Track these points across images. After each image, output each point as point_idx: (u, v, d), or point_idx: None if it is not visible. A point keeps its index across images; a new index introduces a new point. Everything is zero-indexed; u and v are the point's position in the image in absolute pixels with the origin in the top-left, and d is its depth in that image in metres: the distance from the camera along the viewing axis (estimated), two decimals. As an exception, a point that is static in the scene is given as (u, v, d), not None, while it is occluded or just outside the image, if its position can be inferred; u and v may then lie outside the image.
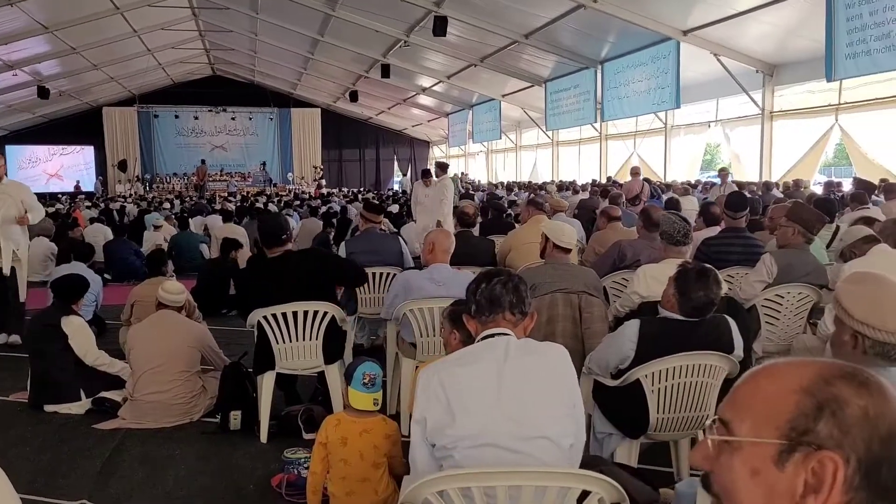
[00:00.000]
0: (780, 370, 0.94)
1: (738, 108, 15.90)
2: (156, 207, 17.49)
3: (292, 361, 4.32)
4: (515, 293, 2.28)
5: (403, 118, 32.71)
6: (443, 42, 17.02)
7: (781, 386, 0.91)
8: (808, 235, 4.48)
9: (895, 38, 9.98)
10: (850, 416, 0.85)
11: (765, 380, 0.95)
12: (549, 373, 2.17)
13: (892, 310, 1.88)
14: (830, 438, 0.85)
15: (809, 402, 0.88)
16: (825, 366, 0.92)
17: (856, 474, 0.85)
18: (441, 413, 2.07)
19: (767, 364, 0.97)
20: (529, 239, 5.58)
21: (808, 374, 0.90)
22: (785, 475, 0.88)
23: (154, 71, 26.27)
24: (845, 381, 0.88)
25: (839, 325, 1.96)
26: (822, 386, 0.88)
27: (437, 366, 2.20)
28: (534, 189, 16.66)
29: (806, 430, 0.87)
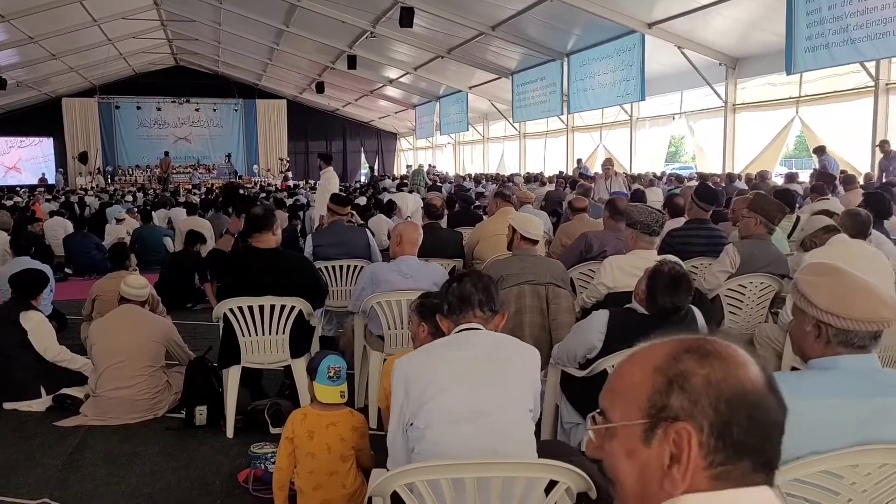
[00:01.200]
0: (640, 354, 1.01)
1: (701, 101, 16.11)
2: (118, 200, 17.18)
3: (258, 355, 4.28)
4: (485, 292, 2.39)
5: (370, 110, 32.53)
6: (409, 33, 16.95)
7: (640, 369, 0.98)
8: (770, 226, 4.55)
9: (853, 31, 10.18)
10: (695, 385, 0.92)
11: (628, 365, 1.02)
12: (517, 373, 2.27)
13: (857, 298, 1.91)
14: (682, 409, 0.92)
15: (661, 379, 0.95)
16: (675, 344, 0.98)
17: (710, 437, 0.91)
18: (418, 394, 2.16)
19: (633, 350, 1.04)
20: (497, 231, 5.60)
21: (661, 354, 0.97)
22: (653, 451, 0.94)
23: (115, 61, 25.71)
24: (689, 355, 0.95)
25: (800, 315, 1.98)
26: (670, 363, 0.95)
27: (411, 356, 2.30)
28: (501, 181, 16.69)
29: (662, 406, 0.94)
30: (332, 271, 5.63)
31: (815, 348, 1.94)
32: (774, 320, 4.50)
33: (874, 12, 9.85)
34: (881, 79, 11.51)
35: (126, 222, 11.99)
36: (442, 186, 17.58)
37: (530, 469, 1.93)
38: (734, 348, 0.97)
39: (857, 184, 8.97)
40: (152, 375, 4.55)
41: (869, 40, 10.02)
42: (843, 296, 1.89)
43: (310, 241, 6.06)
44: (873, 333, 1.91)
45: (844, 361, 1.90)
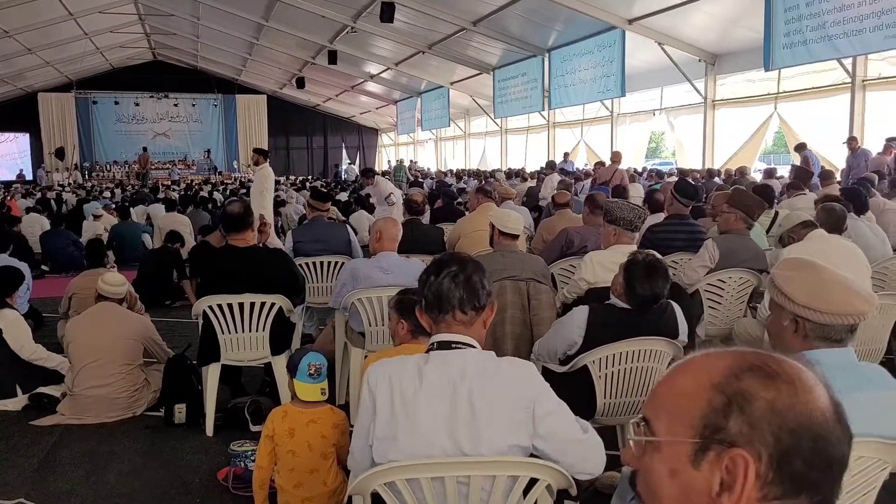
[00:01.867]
0: (695, 365, 0.93)
1: (681, 97, 16.20)
2: (95, 196, 16.97)
3: (238, 353, 4.25)
4: (467, 287, 2.00)
5: (351, 105, 32.40)
6: (390, 28, 16.90)
7: (694, 382, 0.90)
8: (749, 221, 4.59)
9: (830, 28, 10.28)
10: (758, 409, 0.84)
11: (680, 376, 0.94)
12: (507, 399, 1.92)
13: (833, 292, 1.93)
14: (741, 435, 0.84)
15: (719, 398, 0.87)
16: (737, 358, 0.90)
17: (769, 469, 0.84)
18: (384, 425, 1.91)
19: (684, 359, 0.96)
20: (478, 226, 5.60)
21: (720, 369, 0.89)
22: (701, 474, 0.87)
23: (92, 56, 25.42)
24: (753, 375, 0.87)
25: (778, 311, 2.00)
26: (730, 381, 0.87)
27: (388, 369, 1.98)
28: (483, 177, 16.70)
29: (717, 428, 0.86)
30: (312, 268, 5.61)
31: (793, 343, 1.95)
32: (753, 315, 4.54)
33: (850, 9, 9.96)
34: (858, 75, 11.63)
35: (104, 219, 11.86)
36: (423, 182, 17.55)
37: (511, 467, 1.93)
38: (801, 370, 0.89)
39: (835, 179, 9.06)
40: (130, 373, 4.50)
41: (846, 37, 10.13)
42: (820, 290, 1.91)
43: (290, 237, 6.02)
44: (850, 326, 1.93)
45: (822, 356, 1.91)
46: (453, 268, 2.03)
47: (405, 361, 1.99)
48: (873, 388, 1.91)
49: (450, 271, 2.02)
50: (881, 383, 1.96)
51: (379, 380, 1.94)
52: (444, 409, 1.89)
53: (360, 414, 1.99)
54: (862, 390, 1.87)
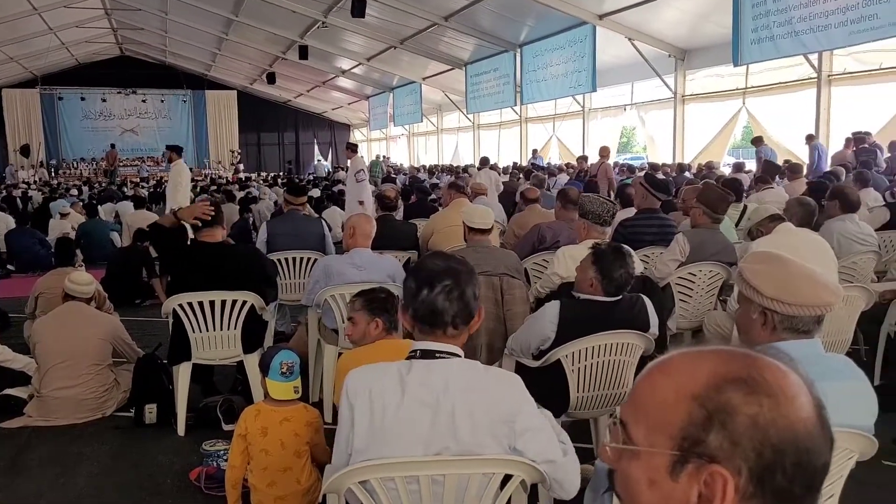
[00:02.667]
0: (676, 368, 0.90)
1: (652, 92, 16.34)
2: (62, 194, 16.68)
3: (210, 351, 4.20)
4: (461, 302, 1.92)
5: (323, 101, 32.21)
6: (362, 24, 16.82)
7: (675, 392, 0.88)
8: (714, 215, 4.64)
9: (796, 24, 10.44)
10: (740, 425, 0.82)
11: (661, 380, 0.91)
12: (489, 414, 1.89)
13: (801, 284, 1.96)
14: (721, 450, 0.82)
15: (700, 412, 0.84)
16: (719, 365, 0.87)
17: (748, 483, 0.82)
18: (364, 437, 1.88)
19: (664, 358, 0.93)
20: (451, 222, 5.60)
21: (701, 378, 0.87)
22: (679, 486, 0.85)
23: (57, 51, 24.95)
24: (736, 387, 0.84)
25: (746, 304, 2.02)
26: (712, 394, 0.85)
27: (368, 379, 1.91)
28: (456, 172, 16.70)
29: (697, 441, 0.84)
30: (285, 264, 5.56)
31: (762, 335, 1.98)
32: (723, 307, 4.59)
33: (816, 5, 10.13)
34: (824, 70, 11.83)
35: (71, 217, 11.66)
36: (396, 178, 17.51)
37: (486, 465, 1.93)
38: (785, 376, 0.86)
39: (802, 173, 9.21)
40: (99, 374, 4.43)
41: (811, 33, 10.30)
42: (788, 283, 1.94)
43: (264, 229, 5.97)
44: (817, 318, 1.96)
45: (789, 347, 1.94)
46: (447, 282, 1.93)
47: (386, 371, 1.92)
48: (839, 378, 1.95)
49: (444, 286, 1.92)
50: (846, 373, 2.00)
51: (358, 391, 1.89)
52: (425, 422, 1.86)
53: (339, 423, 1.94)
54: (828, 380, 1.89)
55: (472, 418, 1.87)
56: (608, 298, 3.14)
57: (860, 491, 3.07)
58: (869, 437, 1.99)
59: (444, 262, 2.00)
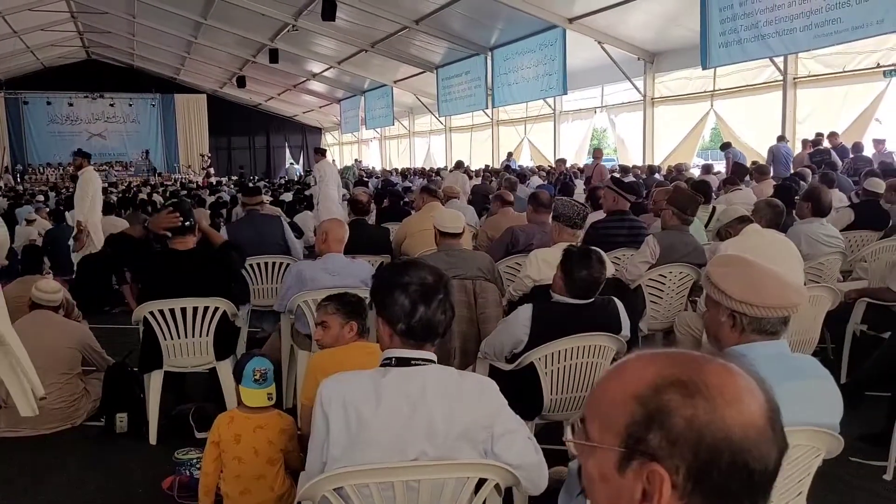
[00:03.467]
0: (626, 370, 0.95)
1: (621, 95, 16.50)
2: (28, 200, 16.39)
3: (181, 359, 4.16)
4: (451, 311, 1.97)
5: (294, 104, 32.05)
6: (332, 27, 16.77)
7: (622, 391, 0.92)
8: (684, 217, 4.71)
9: (763, 28, 10.63)
10: (676, 426, 0.86)
11: (614, 380, 0.95)
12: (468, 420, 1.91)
13: (767, 286, 2.00)
14: (660, 449, 0.86)
15: (641, 411, 0.88)
16: (664, 368, 0.91)
17: (686, 481, 0.86)
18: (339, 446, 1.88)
19: (620, 362, 0.98)
20: (424, 226, 5.59)
21: (645, 380, 0.91)
22: (626, 481, 0.89)
23: (22, 54, 24.53)
24: (676, 390, 0.88)
25: (714, 307, 2.06)
26: (652, 395, 0.89)
27: (342, 388, 1.90)
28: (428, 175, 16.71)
29: (639, 440, 0.88)
30: (254, 269, 5.52)
31: (731, 337, 2.02)
32: (693, 308, 4.66)
33: (782, 9, 10.31)
34: (789, 73, 12.05)
35: (37, 223, 11.46)
36: (369, 181, 17.47)
37: (460, 469, 1.94)
38: (729, 380, 0.89)
39: (769, 174, 9.36)
40: (68, 383, 4.36)
41: (777, 36, 10.49)
42: (755, 285, 1.98)
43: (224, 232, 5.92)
44: (783, 319, 2.00)
45: (758, 348, 1.98)
46: (440, 295, 1.93)
47: (360, 379, 1.92)
48: (804, 377, 1.99)
49: (438, 299, 1.92)
50: (812, 373, 2.04)
51: (332, 400, 1.88)
52: (401, 428, 1.86)
53: (313, 431, 1.94)
54: (794, 380, 1.95)
55: (450, 423, 1.89)
56: (579, 301, 3.17)
57: (828, 488, 3.14)
58: (834, 435, 2.04)
59: (435, 277, 1.98)
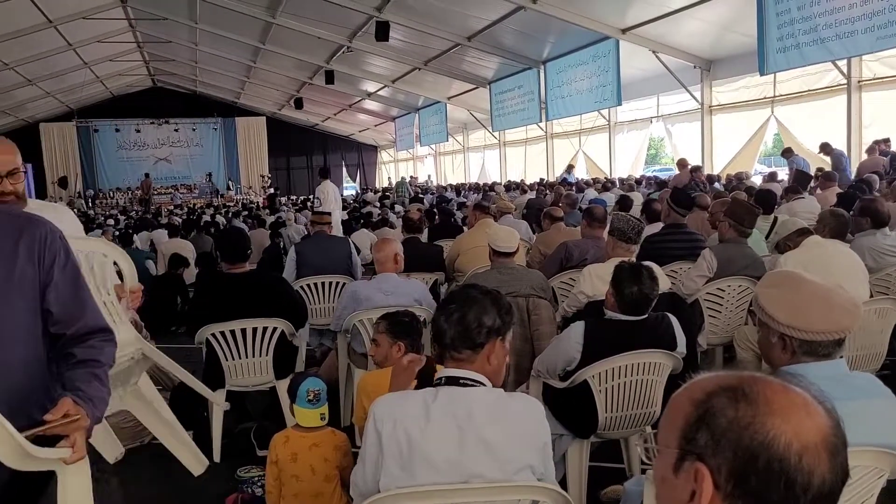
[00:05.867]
0: (695, 382, 1.01)
1: (678, 104, 16.26)
2: (99, 224, 17.06)
3: (242, 378, 4.28)
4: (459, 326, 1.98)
5: (350, 123, 32.55)
6: (386, 46, 17.01)
7: (686, 398, 0.98)
8: (741, 229, 4.61)
9: (822, 31, 10.35)
10: (720, 426, 0.92)
11: (683, 392, 1.02)
12: (519, 442, 1.94)
13: (814, 311, 1.94)
14: (706, 447, 0.92)
15: (694, 413, 0.95)
16: (721, 379, 0.97)
17: (728, 482, 0.90)
18: (394, 465, 1.90)
19: (693, 379, 1.03)
20: (476, 243, 5.63)
21: (703, 388, 0.97)
22: (679, 482, 0.95)
23: (92, 84, 25.61)
24: (724, 394, 0.94)
25: (764, 328, 2.02)
26: (704, 399, 0.95)
27: (393, 408, 1.95)
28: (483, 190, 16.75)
29: (690, 440, 0.94)
30: (313, 289, 5.64)
31: (782, 358, 1.98)
32: (754, 322, 4.54)
33: (842, 12, 10.02)
34: (853, 76, 11.67)
35: (106, 246, 11.84)
36: (423, 198, 17.61)
37: (515, 492, 1.94)
38: (784, 393, 0.93)
39: (835, 181, 9.07)
40: (136, 402, 4.52)
41: (838, 39, 10.19)
42: (801, 309, 1.93)
43: (292, 251, 6.09)
44: (836, 341, 1.95)
45: (812, 369, 1.93)
46: (452, 306, 2.02)
47: (411, 398, 1.98)
48: (864, 396, 1.93)
49: (448, 309, 2.02)
50: (872, 391, 1.98)
51: (385, 419, 1.93)
52: (452, 450, 1.89)
53: (365, 446, 1.98)
54: (853, 399, 1.89)
55: (501, 446, 1.90)
56: (632, 317, 3.14)
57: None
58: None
59: (460, 292, 2.12)
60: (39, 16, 16.34)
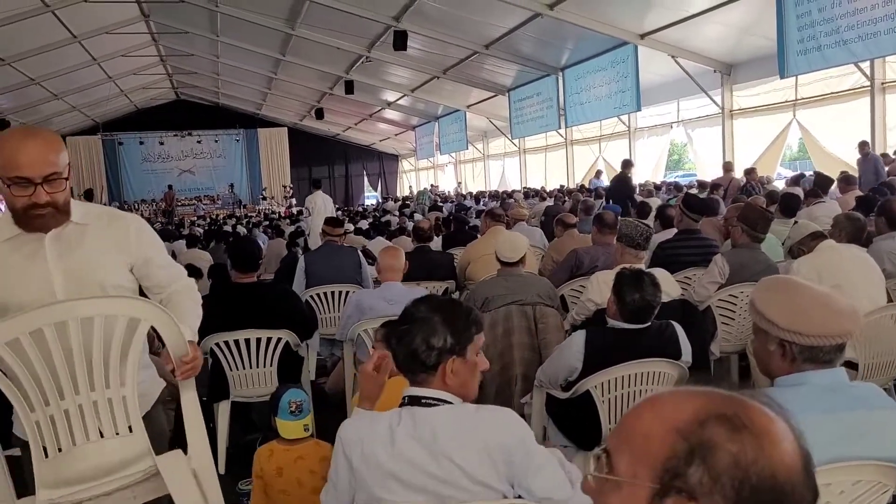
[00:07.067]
0: (664, 403, 0.91)
1: (698, 109, 16.08)
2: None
3: (247, 389, 4.25)
4: (406, 349, 1.89)
5: (371, 133, 32.68)
6: (404, 56, 17.04)
7: (661, 424, 0.87)
8: (754, 234, 4.50)
9: (844, 32, 10.16)
10: (720, 462, 0.82)
11: (648, 412, 0.91)
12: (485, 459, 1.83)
13: (815, 314, 1.86)
14: (700, 485, 0.82)
15: (682, 445, 0.84)
16: (707, 402, 0.87)
17: None
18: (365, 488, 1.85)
19: (655, 394, 0.94)
20: (488, 251, 5.56)
21: (687, 413, 0.86)
22: None
23: (116, 98, 26.01)
24: (721, 424, 0.84)
25: (762, 335, 1.92)
26: (695, 428, 0.85)
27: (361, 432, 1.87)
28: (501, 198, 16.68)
29: (677, 475, 0.83)
30: (322, 298, 5.62)
31: (781, 367, 1.89)
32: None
33: (864, 13, 9.84)
34: (877, 78, 11.46)
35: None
36: (443, 206, 17.58)
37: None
38: (772, 421, 0.86)
39: (856, 185, 8.88)
40: (144, 413, 4.51)
41: (860, 41, 10.00)
42: (804, 311, 1.84)
43: (301, 261, 6.12)
44: (838, 346, 1.86)
45: (812, 377, 1.85)
46: (403, 326, 1.92)
47: (378, 422, 1.88)
48: (864, 407, 1.84)
49: (401, 329, 1.93)
50: (874, 402, 1.88)
51: (352, 443, 1.87)
52: (422, 472, 1.82)
53: (335, 470, 1.92)
54: (853, 410, 1.81)
55: (472, 465, 1.82)
56: (635, 325, 3.07)
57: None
58: (902, 469, 1.88)
59: (412, 305, 1.98)
60: (64, 32, 16.63)
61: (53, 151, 2.01)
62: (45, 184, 1.98)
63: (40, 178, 1.97)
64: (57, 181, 2.02)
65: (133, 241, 2.29)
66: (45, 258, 2.10)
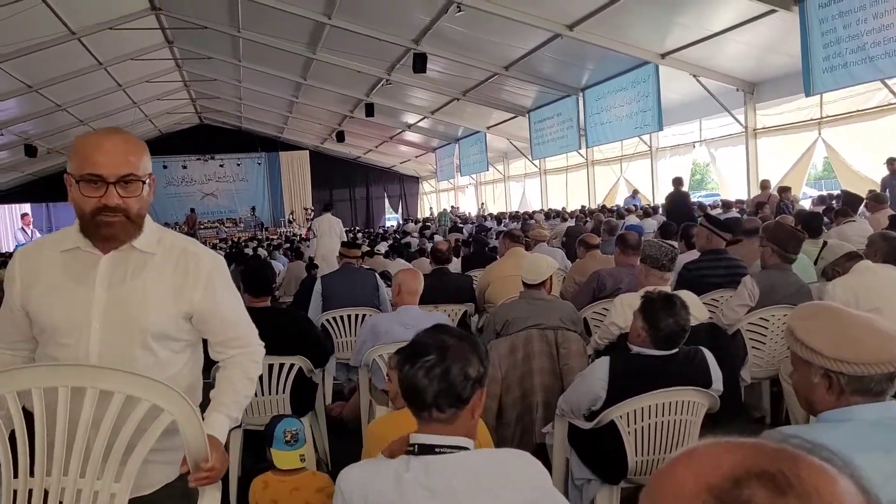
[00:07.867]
0: (702, 456, 0.77)
1: (721, 128, 15.89)
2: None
3: (260, 417, 4.13)
4: (443, 381, 1.68)
5: (391, 155, 32.78)
6: (424, 78, 17.07)
7: (693, 480, 0.74)
8: (785, 254, 4.33)
9: (870, 50, 9.96)
10: None
11: (682, 466, 0.78)
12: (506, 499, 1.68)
13: (864, 338, 1.70)
14: None
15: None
16: (748, 456, 0.73)
17: None
18: None
19: (693, 446, 0.80)
20: (507, 272, 5.45)
21: (723, 469, 0.73)
22: None
23: (141, 123, 26.32)
24: (760, 484, 0.70)
25: (804, 367, 1.76)
26: (731, 489, 0.71)
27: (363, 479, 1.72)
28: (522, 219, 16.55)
29: None
30: (338, 322, 5.51)
31: (826, 400, 1.72)
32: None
33: (890, 29, 9.64)
34: (904, 95, 11.23)
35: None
36: (463, 227, 17.48)
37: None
38: (830, 481, 0.72)
39: (886, 203, 8.65)
40: (155, 441, 4.41)
41: (887, 57, 9.79)
42: (849, 338, 1.69)
43: (318, 284, 6.04)
44: (889, 375, 1.70)
45: (860, 412, 1.69)
46: (430, 357, 1.70)
47: (382, 470, 1.72)
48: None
49: (426, 361, 1.70)
50: (930, 440, 1.72)
51: (354, 493, 1.70)
52: None
53: None
54: (908, 449, 1.65)
55: None
56: (662, 352, 2.91)
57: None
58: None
59: (431, 338, 1.78)
60: (90, 59, 16.87)
61: (134, 153, 1.85)
62: (119, 186, 1.81)
63: (115, 177, 1.80)
64: (133, 184, 1.84)
65: (200, 288, 1.97)
66: (94, 281, 1.88)
